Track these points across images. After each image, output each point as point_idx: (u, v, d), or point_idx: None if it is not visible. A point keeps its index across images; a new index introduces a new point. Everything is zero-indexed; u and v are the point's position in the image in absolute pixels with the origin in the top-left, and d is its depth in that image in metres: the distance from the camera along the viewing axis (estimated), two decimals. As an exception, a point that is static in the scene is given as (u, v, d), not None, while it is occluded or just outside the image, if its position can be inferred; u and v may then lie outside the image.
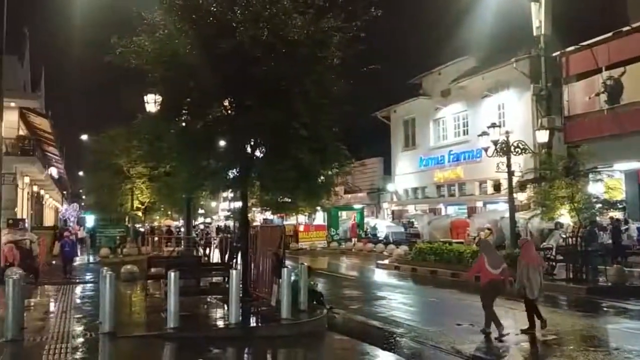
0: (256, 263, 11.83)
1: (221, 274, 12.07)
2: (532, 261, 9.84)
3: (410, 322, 11.06)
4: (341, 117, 12.38)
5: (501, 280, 9.67)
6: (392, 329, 10.37)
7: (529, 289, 9.64)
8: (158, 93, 13.10)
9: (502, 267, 9.69)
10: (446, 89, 34.02)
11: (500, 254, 10.99)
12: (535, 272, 9.70)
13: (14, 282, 8.35)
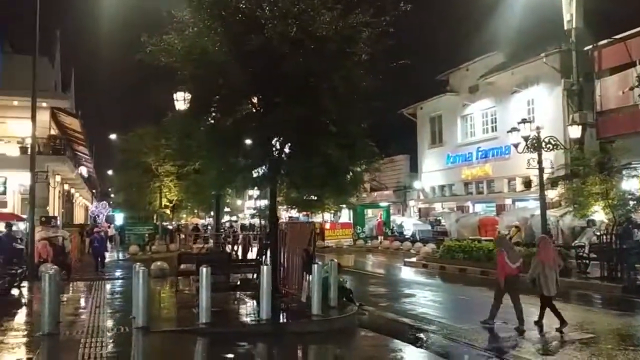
0: (286, 259, 11.83)
1: (251, 270, 12.11)
2: (548, 259, 9.86)
3: (442, 319, 10.93)
4: (369, 113, 12.31)
5: (517, 275, 9.93)
6: (424, 326, 10.26)
7: (545, 287, 9.68)
8: (187, 91, 13.21)
9: (519, 262, 9.99)
10: (474, 85, 33.58)
11: (518, 250, 11.25)
12: (551, 270, 9.74)
13: (50, 277, 8.50)
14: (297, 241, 11.28)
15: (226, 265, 12.08)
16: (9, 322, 9.74)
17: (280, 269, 11.97)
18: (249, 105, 11.80)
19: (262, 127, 11.14)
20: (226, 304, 11.32)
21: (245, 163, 11.43)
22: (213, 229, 16.52)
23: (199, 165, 14.25)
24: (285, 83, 11.30)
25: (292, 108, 11.05)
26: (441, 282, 17.83)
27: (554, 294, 9.76)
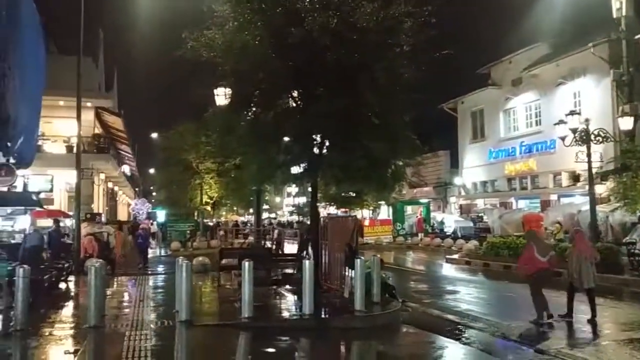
0: (327, 255, 11.69)
1: (292, 265, 12.02)
2: (583, 252, 9.81)
3: (488, 316, 10.60)
4: (411, 106, 12.06)
5: (549, 268, 9.85)
6: (470, 323, 9.98)
7: (578, 280, 9.68)
8: (228, 86, 13.18)
9: (549, 255, 9.92)
10: (517, 77, 32.72)
11: (548, 243, 11.27)
12: (586, 263, 9.69)
13: (96, 270, 8.59)
14: (339, 236, 11.13)
15: (267, 260, 12.03)
16: (56, 314, 9.93)
17: (321, 264, 11.85)
18: (289, 99, 11.71)
19: (303, 120, 11.03)
20: (268, 298, 11.27)
21: (285, 158, 11.34)
22: (253, 226, 16.49)
23: (239, 161, 14.30)
24: (325, 75, 11.16)
25: (333, 100, 10.91)
26: (485, 279, 17.39)
27: (590, 286, 9.69)
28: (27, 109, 12.99)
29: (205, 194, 32.46)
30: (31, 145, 14.46)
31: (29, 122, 13.67)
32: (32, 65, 12.42)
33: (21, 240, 15.58)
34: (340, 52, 11.20)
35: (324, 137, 11.21)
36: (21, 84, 11.46)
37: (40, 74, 14.79)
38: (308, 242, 13.13)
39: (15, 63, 10.45)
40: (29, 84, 12.42)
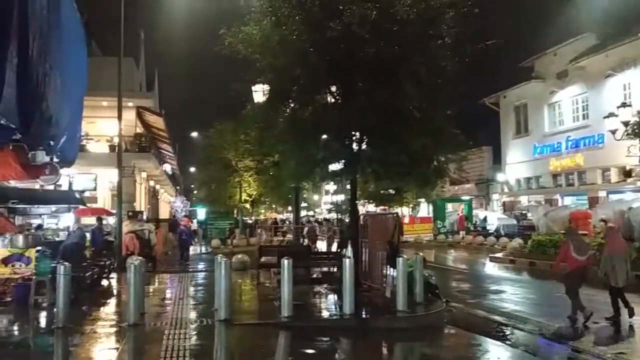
0: (368, 253, 11.42)
1: (332, 264, 11.78)
2: (616, 249, 9.65)
3: (537, 317, 10.13)
4: (455, 99, 11.67)
5: (587, 266, 9.69)
6: (519, 324, 9.55)
7: (612, 277, 9.50)
8: (266, 82, 13.04)
9: (588, 254, 9.75)
10: (562, 70, 31.62)
11: (586, 242, 10.86)
12: (620, 260, 9.53)
13: (135, 268, 8.54)
14: (380, 234, 10.84)
15: (306, 258, 11.82)
16: (97, 311, 9.97)
17: (361, 263, 11.59)
18: (328, 94, 11.48)
19: (342, 115, 10.78)
20: (307, 297, 11.06)
21: (324, 154, 11.12)
22: (292, 223, 16.34)
23: (277, 158, 14.17)
24: (365, 69, 10.89)
25: (372, 95, 10.63)
26: (532, 279, 16.77)
27: (622, 285, 9.49)
28: (69, 109, 13.11)
29: (244, 192, 32.63)
30: (74, 145, 14.61)
31: (72, 122, 13.80)
32: (73, 65, 12.50)
33: (65, 237, 15.91)
34: (380, 45, 10.92)
35: (363, 133, 10.93)
36: (62, 84, 11.51)
37: (81, 73, 14.93)
38: (348, 240, 12.89)
39: (57, 62, 10.48)
40: (70, 84, 12.49)
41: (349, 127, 10.70)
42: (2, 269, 12.20)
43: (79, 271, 11.02)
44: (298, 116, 11.47)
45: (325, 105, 11.41)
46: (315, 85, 11.26)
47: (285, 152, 11.83)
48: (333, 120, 10.97)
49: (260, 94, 14.32)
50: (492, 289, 14.26)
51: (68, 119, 13.23)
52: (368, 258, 11.45)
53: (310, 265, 11.95)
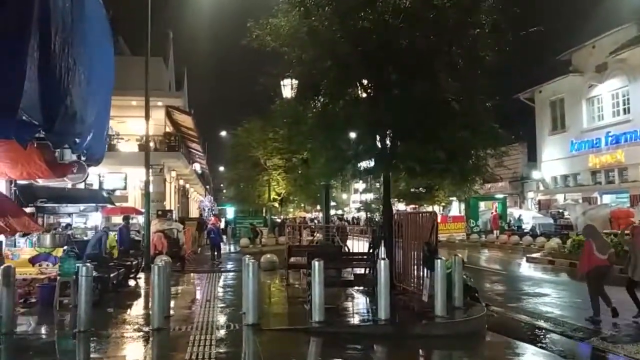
0: (402, 253, 10.85)
1: (365, 265, 11.23)
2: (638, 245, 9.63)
3: (589, 325, 9.39)
4: (494, 92, 11.03)
5: (608, 265, 9.65)
6: (568, 332, 8.88)
7: (632, 271, 9.54)
8: (294, 76, 12.59)
9: (609, 253, 9.69)
10: (602, 63, 30.37)
11: (607, 240, 10.87)
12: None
13: (159, 269, 8.15)
14: (416, 233, 10.25)
15: (338, 259, 11.30)
16: (121, 314, 9.62)
17: (395, 264, 11.03)
18: (359, 87, 10.96)
19: (375, 109, 10.24)
20: (339, 300, 10.55)
21: (356, 150, 10.60)
22: (322, 222, 15.85)
23: (307, 154, 13.70)
24: (399, 61, 10.33)
25: (407, 87, 10.08)
26: (574, 281, 15.86)
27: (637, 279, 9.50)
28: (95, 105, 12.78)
29: (272, 191, 32.32)
30: (101, 142, 14.34)
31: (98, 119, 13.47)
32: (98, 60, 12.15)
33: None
34: (415, 35, 10.36)
35: (396, 128, 10.34)
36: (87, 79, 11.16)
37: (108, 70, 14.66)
38: (380, 240, 12.34)
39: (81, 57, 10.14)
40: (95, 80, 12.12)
41: (381, 121, 10.14)
42: (29, 269, 12.03)
43: (104, 272, 10.74)
44: (328, 111, 10.99)
45: (357, 99, 10.90)
46: (346, 78, 10.75)
47: (314, 149, 11.36)
48: (365, 114, 10.45)
49: (289, 88, 13.90)
50: (533, 291, 13.52)
51: (94, 116, 12.97)
52: (402, 259, 10.88)
53: (341, 266, 11.43)
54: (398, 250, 11.03)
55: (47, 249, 13.92)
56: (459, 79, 10.51)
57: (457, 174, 10.37)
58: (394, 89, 10.41)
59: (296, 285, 12.85)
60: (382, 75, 10.71)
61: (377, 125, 10.34)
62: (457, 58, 10.74)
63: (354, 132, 10.54)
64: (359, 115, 10.39)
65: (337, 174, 11.50)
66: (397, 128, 10.16)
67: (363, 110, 10.58)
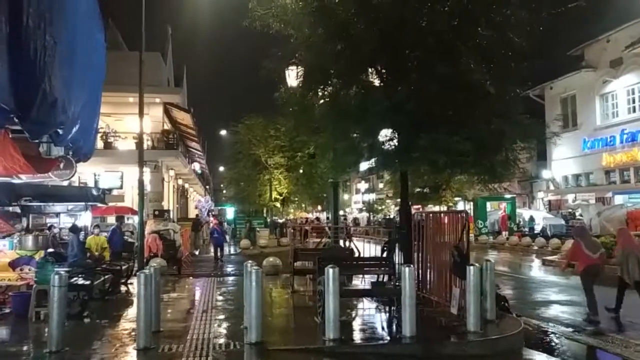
0: (422, 259, 9.67)
1: (382, 271, 10.00)
2: (628, 246, 9.76)
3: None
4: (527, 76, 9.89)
5: (599, 264, 9.82)
6: (616, 349, 7.69)
7: (627, 274, 9.62)
8: (301, 61, 11.33)
9: (600, 252, 9.89)
10: (617, 58, 29.22)
11: (597, 240, 10.82)
12: (633, 258, 9.60)
13: (146, 278, 6.89)
14: (441, 235, 9.07)
15: (351, 265, 10.08)
16: (104, 329, 8.29)
17: (416, 270, 9.84)
18: (375, 72, 9.77)
19: (394, 95, 9.04)
20: (356, 313, 9.34)
21: (372, 141, 9.38)
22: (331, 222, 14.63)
23: (313, 149, 12.55)
24: (420, 42, 9.15)
25: (431, 71, 8.89)
26: (603, 287, 14.65)
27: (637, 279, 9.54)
28: (81, 95, 11.60)
29: (274, 190, 31.14)
30: (90, 137, 13.21)
31: (85, 110, 12.33)
32: (84, 45, 10.96)
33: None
34: (438, 12, 9.21)
35: (418, 116, 9.10)
36: (70, 64, 9.90)
37: (97, 58, 13.50)
38: (395, 243, 11.17)
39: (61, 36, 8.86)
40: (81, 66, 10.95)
41: (401, 108, 8.94)
42: (8, 274, 10.84)
43: (89, 278, 9.52)
44: (339, 98, 9.81)
45: (372, 84, 9.71)
46: (360, 61, 9.57)
47: (323, 141, 10.17)
48: (381, 101, 9.27)
49: (294, 76, 12.70)
50: (563, 299, 12.34)
51: (80, 107, 11.80)
52: (423, 265, 9.69)
53: (354, 272, 10.24)
54: (419, 255, 9.84)
55: (29, 251, 12.73)
56: (489, 62, 9.33)
57: (487, 169, 9.19)
58: (415, 73, 9.23)
59: (302, 292, 11.70)
60: (401, 59, 9.53)
61: (396, 114, 9.13)
62: (485, 39, 9.56)
63: (369, 122, 9.29)
64: (374, 102, 9.21)
65: (350, 168, 10.32)
66: (418, 116, 8.93)
67: (379, 96, 9.39)
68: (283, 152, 29.87)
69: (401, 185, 10.36)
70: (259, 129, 29.99)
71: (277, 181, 30.90)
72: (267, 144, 29.90)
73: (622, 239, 10.10)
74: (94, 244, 13.50)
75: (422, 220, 9.77)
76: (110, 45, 30.35)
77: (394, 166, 9.59)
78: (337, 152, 10.01)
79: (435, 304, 8.98)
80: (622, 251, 9.84)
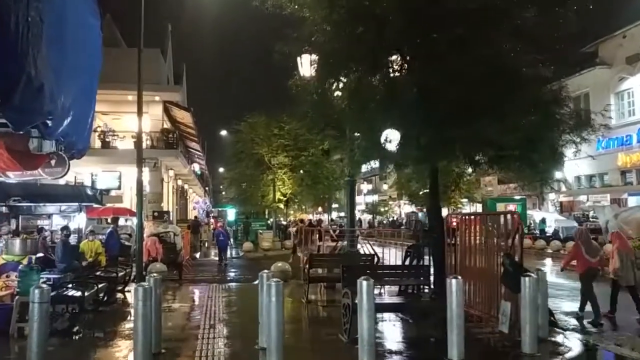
0: (461, 266, 8.55)
1: (413, 282, 8.79)
2: (622, 250, 9.84)
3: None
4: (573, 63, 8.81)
5: (598, 268, 9.94)
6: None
7: (624, 277, 9.63)
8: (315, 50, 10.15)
9: (599, 256, 10.02)
10: (633, 54, 28.15)
11: (596, 244, 10.87)
12: (627, 260, 9.71)
13: (145, 293, 5.75)
14: (484, 241, 7.97)
15: (378, 274, 8.85)
16: (93, 350, 7.14)
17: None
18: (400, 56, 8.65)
19: (427, 81, 7.92)
20: (383, 328, 8.19)
21: (401, 132, 8.23)
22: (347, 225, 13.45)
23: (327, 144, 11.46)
24: (457, 21, 8.06)
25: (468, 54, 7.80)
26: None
27: (631, 284, 9.61)
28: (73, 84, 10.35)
29: (278, 191, 30.01)
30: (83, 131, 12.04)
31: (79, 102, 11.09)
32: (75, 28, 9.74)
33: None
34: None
35: (454, 105, 7.97)
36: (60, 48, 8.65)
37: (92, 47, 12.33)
38: (421, 248, 10.09)
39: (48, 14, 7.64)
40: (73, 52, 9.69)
41: (435, 98, 7.83)
42: (-9, 282, 9.72)
43: (78, 289, 8.36)
44: (363, 86, 8.68)
45: (401, 69, 8.60)
46: (385, 45, 8.45)
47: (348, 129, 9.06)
48: (411, 89, 8.18)
49: (307, 64, 11.59)
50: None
51: (72, 97, 10.68)
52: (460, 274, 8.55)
53: (386, 283, 9.09)
54: (454, 262, 8.72)
55: (17, 256, 11.61)
56: (533, 44, 8.24)
57: (536, 164, 8.11)
58: (450, 55, 8.10)
59: (317, 303, 10.62)
60: (433, 40, 8.42)
61: (429, 102, 8.00)
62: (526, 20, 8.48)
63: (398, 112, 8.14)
64: (405, 89, 8.10)
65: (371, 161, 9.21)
66: (455, 105, 7.80)
67: (408, 84, 8.29)
68: (287, 151, 28.80)
69: (430, 183, 9.26)
70: (262, 127, 28.91)
71: (281, 181, 29.79)
72: (271, 142, 28.81)
73: (618, 243, 10.10)
74: (87, 250, 12.36)
75: (455, 221, 8.66)
76: (109, 42, 29.35)
77: (427, 161, 8.44)
78: (360, 145, 8.90)
79: (476, 318, 7.86)
80: (617, 255, 9.81)
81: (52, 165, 12.32)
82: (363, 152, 8.70)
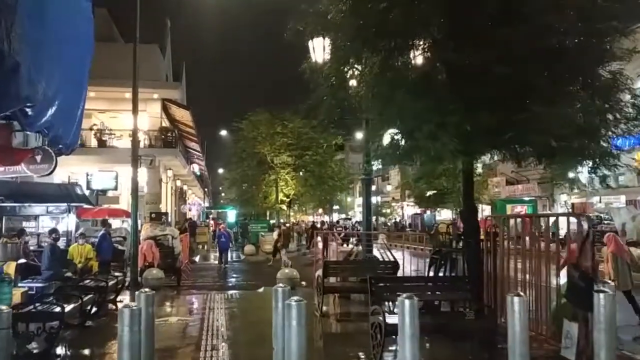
0: (504, 278, 7.39)
1: (451, 296, 7.49)
2: (620, 253, 9.68)
3: None
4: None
5: None
6: None
7: (621, 282, 9.37)
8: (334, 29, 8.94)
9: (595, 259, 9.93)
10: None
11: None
12: (623, 264, 9.59)
13: (132, 316, 4.55)
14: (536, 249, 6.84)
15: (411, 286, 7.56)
16: None
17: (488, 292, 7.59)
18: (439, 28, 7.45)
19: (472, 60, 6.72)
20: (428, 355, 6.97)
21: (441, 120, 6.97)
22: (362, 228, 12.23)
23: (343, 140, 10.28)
24: None
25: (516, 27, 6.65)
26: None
27: (626, 288, 9.40)
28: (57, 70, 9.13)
29: (280, 192, 28.88)
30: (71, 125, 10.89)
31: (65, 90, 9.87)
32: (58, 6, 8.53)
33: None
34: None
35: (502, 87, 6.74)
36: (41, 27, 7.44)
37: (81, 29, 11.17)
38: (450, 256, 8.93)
39: None
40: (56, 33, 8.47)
41: (480, 78, 6.65)
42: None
43: (58, 304, 7.14)
44: (390, 67, 7.47)
45: (436, 48, 7.38)
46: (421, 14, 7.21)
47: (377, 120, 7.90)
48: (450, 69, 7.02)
49: (320, 52, 10.42)
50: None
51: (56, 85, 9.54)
52: (502, 286, 7.42)
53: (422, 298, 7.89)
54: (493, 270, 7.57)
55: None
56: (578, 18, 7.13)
57: (595, 157, 7.00)
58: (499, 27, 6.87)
59: (333, 316, 9.46)
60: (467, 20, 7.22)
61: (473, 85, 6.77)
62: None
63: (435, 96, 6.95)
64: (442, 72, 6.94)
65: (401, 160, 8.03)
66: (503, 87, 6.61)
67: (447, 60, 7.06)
68: (290, 150, 27.74)
69: (464, 181, 8.09)
70: (264, 125, 27.82)
71: (284, 182, 28.69)
72: (273, 141, 27.75)
73: (613, 246, 9.88)
74: (76, 254, 11.17)
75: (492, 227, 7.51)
76: (106, 37, 28.30)
77: (467, 154, 7.23)
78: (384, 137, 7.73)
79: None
80: (612, 258, 9.67)
81: (38, 161, 11.11)
82: (391, 144, 7.51)
